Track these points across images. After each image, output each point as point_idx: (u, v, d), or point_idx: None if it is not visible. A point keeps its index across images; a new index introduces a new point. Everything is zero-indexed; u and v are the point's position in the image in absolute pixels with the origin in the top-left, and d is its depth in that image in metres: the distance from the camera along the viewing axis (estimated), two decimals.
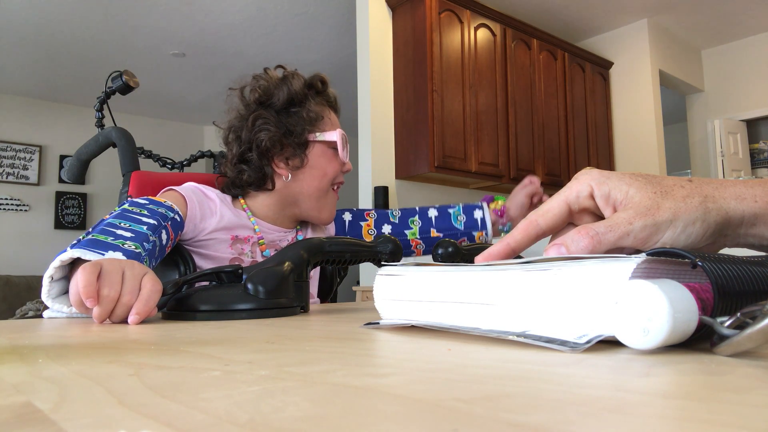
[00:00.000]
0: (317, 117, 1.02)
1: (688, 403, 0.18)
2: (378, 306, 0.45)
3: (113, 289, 0.54)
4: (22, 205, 5.56)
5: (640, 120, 4.61)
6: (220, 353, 0.31)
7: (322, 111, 1.04)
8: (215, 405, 0.18)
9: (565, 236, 0.36)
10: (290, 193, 1.03)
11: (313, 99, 1.03)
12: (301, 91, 1.01)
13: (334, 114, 1.07)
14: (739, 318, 0.27)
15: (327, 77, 1.07)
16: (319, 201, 1.04)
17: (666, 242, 0.35)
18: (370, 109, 3.41)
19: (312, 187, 1.02)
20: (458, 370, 0.25)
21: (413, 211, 1.19)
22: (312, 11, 4.15)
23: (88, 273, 0.54)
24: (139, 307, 0.54)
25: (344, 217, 1.17)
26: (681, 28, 4.82)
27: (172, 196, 0.94)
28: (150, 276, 0.58)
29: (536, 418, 0.16)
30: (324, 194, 1.04)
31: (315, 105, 1.03)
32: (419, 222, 1.16)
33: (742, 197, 0.35)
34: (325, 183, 1.03)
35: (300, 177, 1.02)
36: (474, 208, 1.17)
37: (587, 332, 0.30)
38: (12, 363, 0.29)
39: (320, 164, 1.02)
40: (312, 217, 1.06)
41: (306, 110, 1.01)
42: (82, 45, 4.56)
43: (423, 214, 1.18)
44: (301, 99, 1.01)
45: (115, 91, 1.64)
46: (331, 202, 1.06)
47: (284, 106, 1.00)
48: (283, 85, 1.00)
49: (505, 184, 3.85)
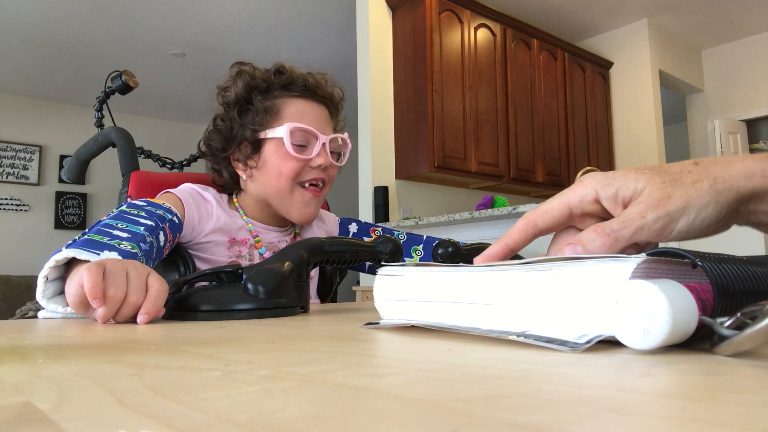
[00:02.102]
0: (265, 112, 0.96)
1: (688, 403, 0.18)
2: (378, 306, 0.45)
3: (119, 289, 0.54)
4: (22, 205, 5.56)
5: (640, 120, 4.62)
6: (220, 353, 0.31)
7: (275, 105, 0.96)
8: (215, 405, 0.18)
9: (580, 235, 0.35)
10: (256, 191, 0.99)
11: (267, 93, 0.97)
12: (244, 89, 0.96)
13: (307, 102, 0.98)
14: (739, 318, 0.27)
15: (287, 64, 1.00)
16: (284, 201, 0.97)
17: (682, 230, 0.35)
18: (370, 109, 3.41)
19: (270, 186, 0.97)
20: (458, 370, 0.25)
21: (419, 239, 1.12)
22: (312, 11, 4.15)
23: (94, 274, 0.53)
24: (148, 307, 0.54)
25: (350, 228, 1.15)
26: (681, 28, 4.82)
27: (170, 198, 0.94)
28: (155, 275, 0.58)
29: (536, 418, 0.16)
30: (287, 194, 0.96)
31: (266, 100, 0.97)
32: (422, 252, 1.10)
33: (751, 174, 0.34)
34: (284, 182, 0.95)
35: (258, 177, 0.98)
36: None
37: (587, 332, 0.30)
38: (12, 363, 0.29)
39: (273, 163, 0.95)
40: (286, 217, 1.00)
41: (253, 107, 0.96)
42: (82, 45, 4.56)
43: (428, 244, 1.10)
44: (246, 96, 0.97)
45: (114, 90, 1.64)
46: (299, 201, 0.97)
47: (238, 105, 0.98)
48: (233, 84, 0.97)
49: (505, 184, 3.85)
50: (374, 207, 3.32)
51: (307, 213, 0.99)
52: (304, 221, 1.00)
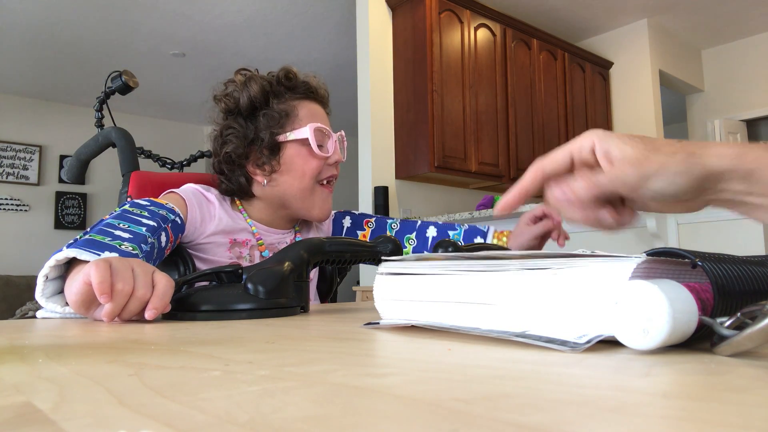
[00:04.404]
0: (284, 115, 0.97)
1: (688, 403, 0.18)
2: (378, 306, 0.45)
3: (127, 284, 0.54)
4: (22, 205, 5.56)
5: (640, 120, 4.61)
6: (220, 353, 0.31)
7: (291, 107, 0.98)
8: (215, 405, 0.18)
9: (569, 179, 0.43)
10: (274, 196, 1.00)
11: (280, 97, 0.98)
12: (260, 93, 0.96)
13: (313, 103, 1.01)
14: (739, 318, 0.27)
15: (294, 69, 1.01)
16: (306, 201, 0.99)
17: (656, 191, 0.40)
18: (370, 109, 3.41)
19: (293, 188, 0.98)
20: (458, 370, 0.25)
21: (412, 226, 1.13)
22: (312, 11, 4.14)
23: (102, 270, 0.53)
24: (155, 302, 0.55)
25: (344, 222, 1.15)
26: (681, 28, 4.82)
27: (173, 198, 0.94)
28: (160, 272, 0.58)
29: (536, 418, 0.16)
30: (309, 193, 0.98)
31: (281, 103, 0.98)
32: (415, 241, 1.10)
33: (722, 155, 0.39)
34: (307, 182, 0.97)
35: (279, 180, 0.98)
36: (476, 234, 1.10)
37: (587, 332, 0.30)
38: (12, 363, 0.29)
39: (297, 164, 0.97)
40: (305, 216, 1.02)
41: (271, 111, 0.97)
42: (82, 45, 4.56)
43: (422, 231, 1.11)
44: (262, 101, 0.97)
45: (114, 91, 1.64)
46: (320, 198, 1.00)
47: (249, 112, 0.97)
48: (244, 89, 0.97)
49: (505, 184, 3.85)
50: (374, 207, 3.32)
51: (327, 209, 1.02)
52: (323, 218, 1.03)
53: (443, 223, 1.13)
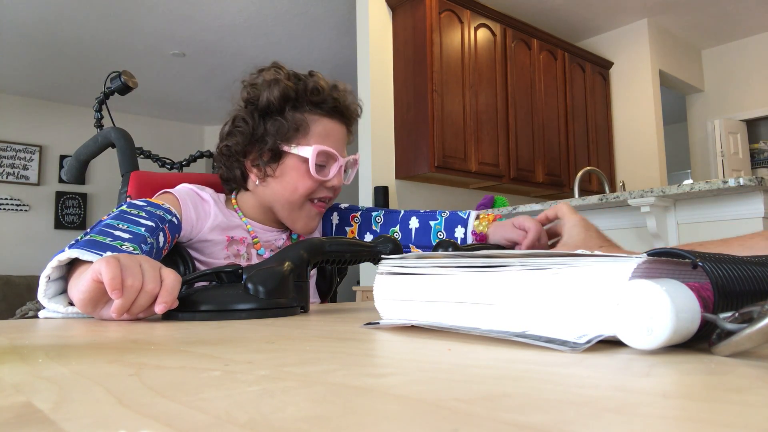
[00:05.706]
0: (294, 128, 0.95)
1: (688, 403, 0.18)
2: (378, 306, 0.45)
3: (137, 279, 0.55)
4: (22, 205, 5.56)
5: (640, 120, 4.61)
6: (220, 353, 0.31)
7: (305, 121, 0.96)
8: (215, 405, 0.18)
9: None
10: (264, 197, 1.00)
11: (299, 108, 0.96)
12: (280, 99, 0.95)
13: (333, 122, 0.99)
14: (738, 318, 0.27)
15: (328, 81, 0.99)
16: (292, 213, 0.99)
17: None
18: (370, 109, 3.41)
19: (282, 198, 0.97)
20: (458, 370, 0.25)
21: (396, 218, 1.11)
22: (312, 11, 4.15)
23: (113, 266, 0.54)
24: (164, 297, 0.55)
25: (332, 219, 1.14)
26: (681, 28, 4.82)
27: (169, 198, 0.94)
28: (167, 268, 0.59)
29: (536, 418, 0.16)
30: (297, 208, 0.98)
31: (297, 113, 0.96)
32: (399, 234, 1.09)
33: None
34: (297, 197, 0.97)
35: (271, 185, 0.98)
36: (457, 224, 1.07)
37: (587, 332, 0.30)
38: (12, 363, 0.29)
39: (291, 177, 0.96)
40: (288, 226, 1.02)
41: (282, 120, 0.95)
42: (82, 45, 4.56)
43: (405, 223, 1.09)
44: (278, 108, 0.95)
45: (113, 91, 1.64)
46: (306, 215, 0.99)
47: (266, 111, 0.96)
48: (267, 89, 0.95)
49: (505, 184, 3.85)
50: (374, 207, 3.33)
51: (312, 226, 1.02)
52: (305, 233, 1.03)
53: (425, 212, 1.10)
